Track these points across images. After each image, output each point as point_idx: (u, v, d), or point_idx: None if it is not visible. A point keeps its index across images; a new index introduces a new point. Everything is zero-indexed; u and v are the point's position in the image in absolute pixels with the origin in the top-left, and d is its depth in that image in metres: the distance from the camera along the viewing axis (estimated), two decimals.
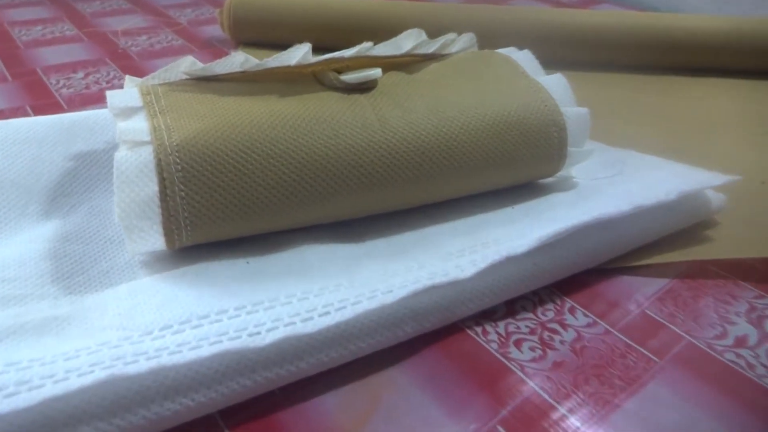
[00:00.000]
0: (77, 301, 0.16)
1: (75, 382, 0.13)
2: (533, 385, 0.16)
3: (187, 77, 0.20)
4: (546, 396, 0.16)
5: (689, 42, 0.36)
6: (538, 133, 0.21)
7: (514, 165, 0.21)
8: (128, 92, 0.19)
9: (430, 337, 0.18)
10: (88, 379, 0.13)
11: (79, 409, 0.13)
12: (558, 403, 0.16)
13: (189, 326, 0.15)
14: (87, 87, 0.33)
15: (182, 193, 0.16)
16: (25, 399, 0.12)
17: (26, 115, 0.29)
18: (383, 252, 0.19)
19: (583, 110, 0.23)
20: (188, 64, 0.20)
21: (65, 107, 0.30)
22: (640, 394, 0.16)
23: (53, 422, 0.13)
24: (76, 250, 0.19)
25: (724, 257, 0.21)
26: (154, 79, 0.20)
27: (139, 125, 0.18)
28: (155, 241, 0.17)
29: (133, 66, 0.36)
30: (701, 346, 0.18)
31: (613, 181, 0.23)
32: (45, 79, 0.34)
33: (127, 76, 0.21)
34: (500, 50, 0.26)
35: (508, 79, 0.23)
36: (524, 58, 0.25)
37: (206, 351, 0.14)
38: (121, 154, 0.17)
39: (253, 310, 0.15)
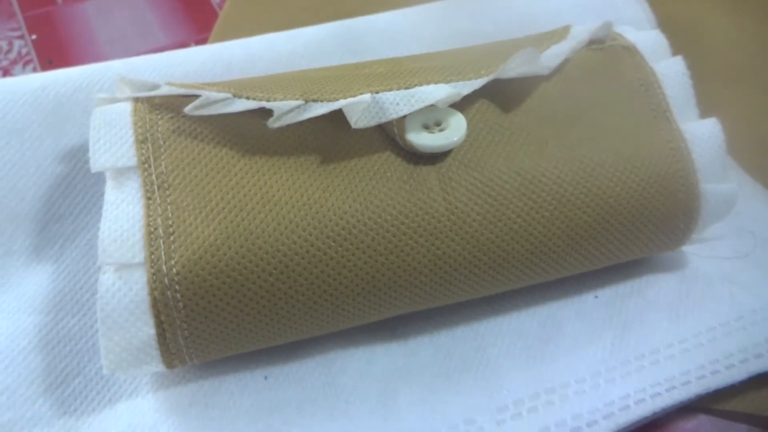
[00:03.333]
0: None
1: None
2: None
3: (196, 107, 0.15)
4: None
5: None
6: (657, 222, 0.16)
7: (617, 252, 0.17)
8: (117, 135, 0.15)
9: None
10: None
11: None
12: None
13: None
14: None
15: (186, 334, 0.13)
16: None
17: None
18: (428, 366, 0.16)
19: (731, 189, 0.17)
20: (198, 103, 0.14)
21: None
22: None
23: None
24: (70, 327, 0.16)
25: None
26: (156, 91, 0.15)
27: (128, 227, 0.13)
28: (154, 369, 0.14)
29: None
30: None
31: (735, 275, 0.18)
32: None
33: (118, 77, 0.16)
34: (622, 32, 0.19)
35: (639, 124, 0.17)
36: (654, 49, 0.18)
37: None
38: (106, 283, 0.13)
39: None
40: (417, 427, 0.15)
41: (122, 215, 0.14)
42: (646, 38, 0.18)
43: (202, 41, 0.22)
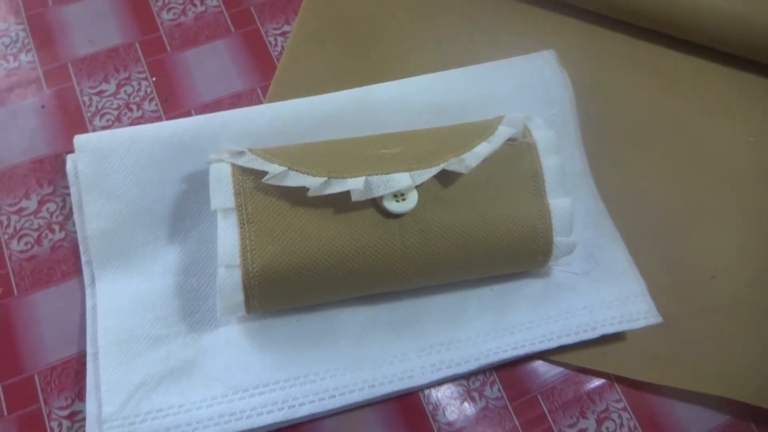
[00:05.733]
0: (197, 343, 0.27)
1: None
2: None
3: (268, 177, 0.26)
4: None
5: None
6: (526, 257, 0.28)
7: (501, 271, 0.29)
8: (224, 186, 0.26)
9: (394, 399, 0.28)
10: (210, 431, 0.25)
11: None
12: None
13: (258, 392, 0.26)
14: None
15: (258, 301, 0.26)
16: None
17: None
18: (390, 322, 0.29)
19: (573, 241, 0.28)
20: (267, 178, 0.26)
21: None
22: None
23: None
24: (193, 283, 0.28)
25: (624, 375, 0.29)
26: (243, 158, 0.26)
27: (231, 242, 0.25)
28: (240, 314, 0.27)
29: None
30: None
31: (577, 285, 0.30)
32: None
33: (224, 150, 0.27)
34: (529, 123, 0.29)
35: (523, 201, 0.28)
36: (547, 147, 0.29)
37: (266, 419, 0.26)
38: (221, 273, 0.25)
39: (295, 383, 0.27)
40: (376, 354, 0.28)
41: (228, 237, 0.25)
42: (545, 136, 0.29)
43: (264, 87, 0.33)
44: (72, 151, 0.29)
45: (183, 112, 0.32)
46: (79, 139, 0.29)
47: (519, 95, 0.32)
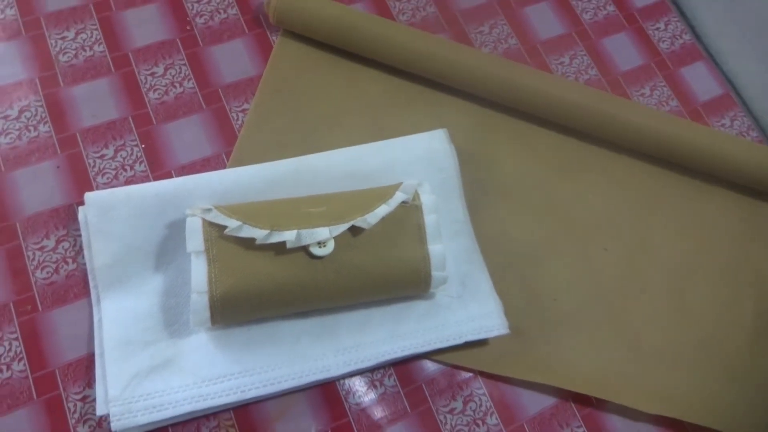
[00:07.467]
0: (176, 346, 0.38)
1: (179, 409, 0.36)
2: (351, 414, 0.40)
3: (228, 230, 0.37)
4: (353, 420, 0.40)
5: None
6: (412, 286, 0.39)
7: (395, 295, 0.40)
8: (196, 234, 0.37)
9: (317, 386, 0.39)
10: (184, 408, 0.36)
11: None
12: (357, 424, 0.39)
13: (219, 381, 0.37)
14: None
15: (220, 317, 0.36)
16: (161, 414, 0.36)
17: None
18: (316, 331, 0.40)
19: (445, 275, 0.39)
20: (227, 231, 0.36)
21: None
22: (396, 426, 0.40)
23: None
24: (172, 303, 0.39)
25: (487, 371, 0.41)
26: (210, 213, 0.37)
27: (201, 275, 0.36)
28: (208, 326, 0.37)
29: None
30: (434, 411, 0.40)
31: (452, 305, 0.41)
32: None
33: (196, 207, 0.38)
34: (420, 189, 0.41)
35: (409, 247, 0.39)
36: (429, 207, 0.40)
37: (224, 399, 0.37)
38: (194, 297, 0.36)
39: (246, 374, 0.37)
40: (305, 353, 0.38)
41: (199, 272, 0.36)
42: (428, 199, 0.40)
43: (228, 153, 0.44)
44: (81, 202, 0.40)
45: (165, 172, 0.43)
46: (88, 196, 0.39)
47: (417, 164, 0.44)
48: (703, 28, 0.58)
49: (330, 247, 0.37)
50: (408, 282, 0.39)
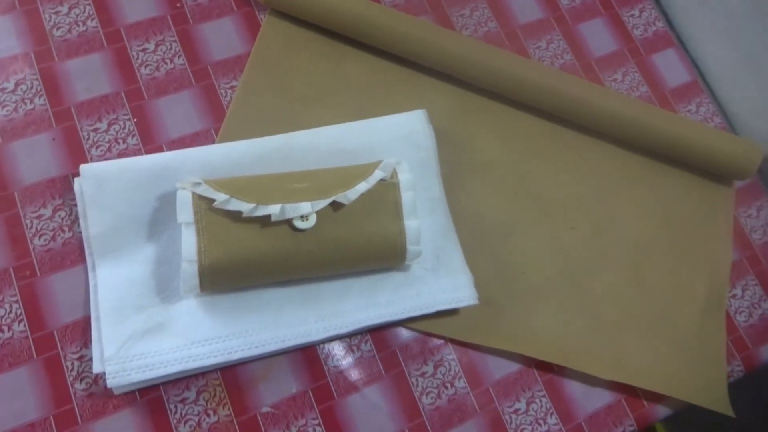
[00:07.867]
0: (167, 310, 0.40)
1: (170, 369, 0.39)
2: (330, 374, 0.43)
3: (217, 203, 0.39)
4: (331, 381, 0.43)
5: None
6: (389, 259, 0.42)
7: (373, 267, 0.43)
8: (186, 207, 0.39)
9: (299, 350, 0.42)
10: (175, 368, 0.39)
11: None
12: (335, 385, 0.43)
13: (207, 343, 0.40)
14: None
15: (208, 284, 0.39)
16: (153, 372, 0.39)
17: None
18: (298, 298, 0.42)
19: (419, 249, 0.41)
20: (216, 203, 0.39)
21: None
22: (370, 387, 0.43)
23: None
24: (163, 271, 0.41)
25: (457, 338, 0.44)
26: (199, 187, 0.39)
27: (190, 245, 0.39)
28: (197, 292, 0.40)
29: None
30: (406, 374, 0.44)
31: (426, 277, 0.44)
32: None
33: (187, 181, 0.40)
34: (398, 167, 0.43)
35: (387, 222, 0.41)
36: (406, 185, 0.42)
37: (211, 360, 0.40)
38: (184, 265, 0.38)
39: (232, 337, 0.40)
40: (288, 319, 0.41)
41: (189, 242, 0.38)
42: (405, 178, 0.42)
43: (217, 128, 0.46)
44: (77, 173, 0.42)
45: (157, 146, 0.45)
46: (84, 168, 0.41)
47: (397, 142, 0.46)
48: (675, 15, 0.60)
49: (312, 220, 0.40)
50: (385, 255, 0.42)
